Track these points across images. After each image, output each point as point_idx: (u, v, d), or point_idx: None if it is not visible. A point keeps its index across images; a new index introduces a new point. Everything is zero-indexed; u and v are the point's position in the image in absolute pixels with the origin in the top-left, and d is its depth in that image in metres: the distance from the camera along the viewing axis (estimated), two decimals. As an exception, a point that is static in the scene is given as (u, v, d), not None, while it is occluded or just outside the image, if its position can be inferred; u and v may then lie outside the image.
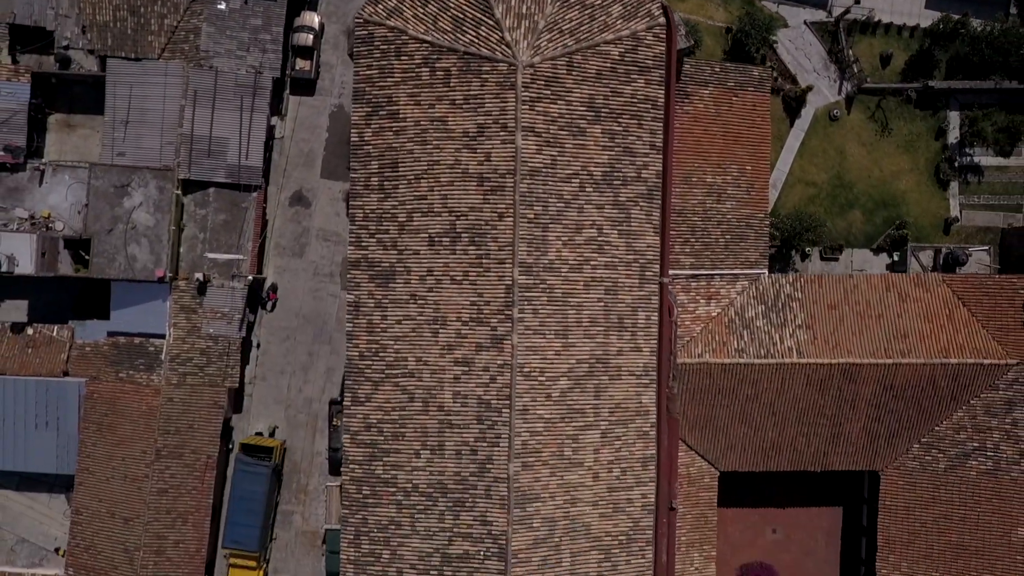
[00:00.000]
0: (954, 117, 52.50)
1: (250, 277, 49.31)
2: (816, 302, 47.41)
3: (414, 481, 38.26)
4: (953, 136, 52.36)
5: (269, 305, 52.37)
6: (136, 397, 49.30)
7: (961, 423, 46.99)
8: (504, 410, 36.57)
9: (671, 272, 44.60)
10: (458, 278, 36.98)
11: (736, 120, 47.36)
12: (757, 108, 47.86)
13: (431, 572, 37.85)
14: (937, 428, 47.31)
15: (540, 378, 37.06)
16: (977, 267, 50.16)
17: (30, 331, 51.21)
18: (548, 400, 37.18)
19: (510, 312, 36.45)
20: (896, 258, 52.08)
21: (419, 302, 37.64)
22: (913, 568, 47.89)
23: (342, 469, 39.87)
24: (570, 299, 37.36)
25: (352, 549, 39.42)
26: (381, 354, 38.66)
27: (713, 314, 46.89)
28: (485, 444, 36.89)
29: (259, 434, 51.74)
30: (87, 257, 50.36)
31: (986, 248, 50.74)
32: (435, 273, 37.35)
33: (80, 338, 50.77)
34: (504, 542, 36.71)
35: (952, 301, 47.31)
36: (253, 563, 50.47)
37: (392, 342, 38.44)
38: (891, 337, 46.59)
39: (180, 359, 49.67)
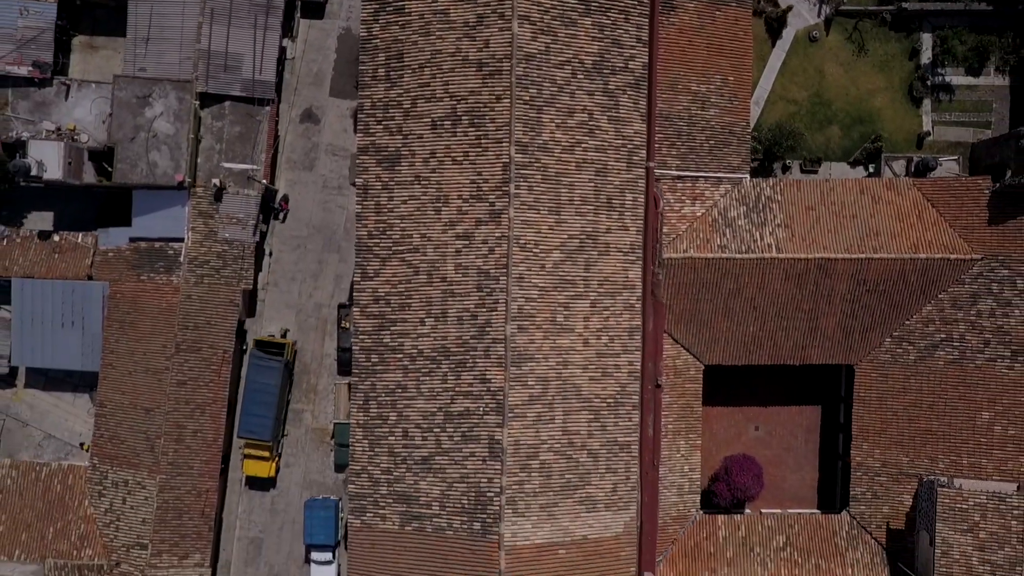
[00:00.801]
0: (927, 39, 55.64)
1: (264, 181, 52.46)
2: (794, 203, 50.55)
3: (419, 347, 41.50)
4: (926, 56, 55.49)
5: (281, 215, 55.54)
6: (156, 296, 52.49)
7: (929, 316, 50.14)
8: (502, 278, 39.78)
9: (659, 171, 47.85)
10: (459, 159, 40.18)
11: (719, 33, 50.49)
12: (739, 22, 50.98)
13: (435, 429, 41.10)
14: (907, 322, 50.44)
15: (535, 250, 40.28)
16: (946, 174, 53.30)
17: (56, 238, 54.43)
18: (542, 270, 40.39)
19: (507, 188, 39.67)
20: (872, 170, 55.27)
21: (423, 183, 40.83)
22: (885, 454, 51.08)
23: (352, 339, 43.00)
24: (563, 178, 40.56)
25: (361, 414, 42.68)
26: (388, 232, 41.89)
27: (698, 214, 50.04)
28: (484, 309, 40.10)
29: (271, 336, 54.90)
30: (110, 169, 53.55)
31: (955, 159, 53.91)
32: (437, 155, 40.56)
33: (103, 244, 53.93)
34: (502, 398, 39.94)
35: (921, 203, 50.47)
36: (266, 453, 53.69)
37: (398, 221, 41.66)
38: (864, 235, 49.74)
39: (198, 261, 52.83)
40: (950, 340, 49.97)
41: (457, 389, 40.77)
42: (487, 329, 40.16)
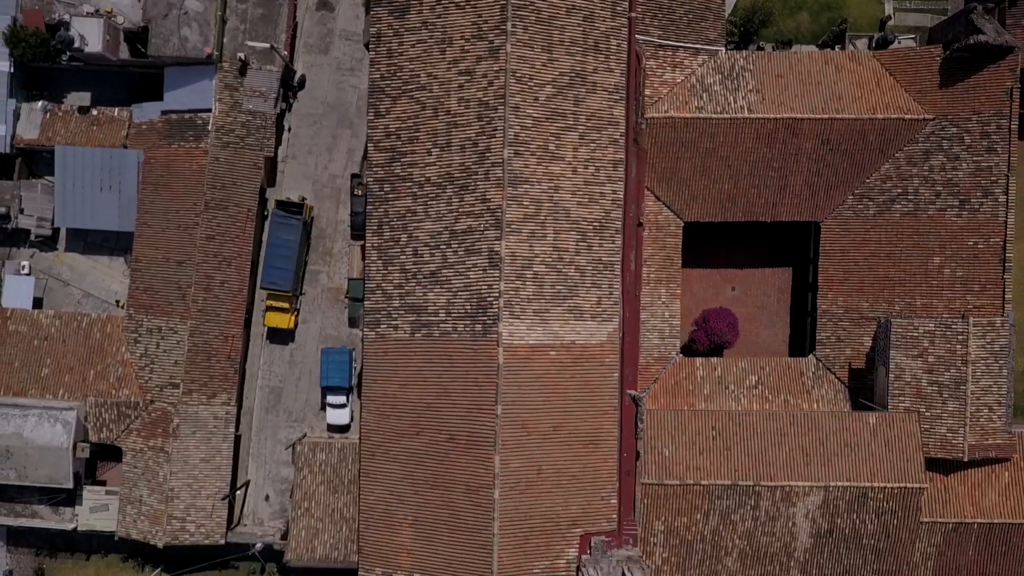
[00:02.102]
0: (889, -69, 60.92)
1: (285, 54, 57.75)
2: (765, 72, 55.74)
3: (426, 174, 46.83)
4: (889, -53, 60.75)
5: (293, 100, 60.57)
6: (187, 159, 57.81)
7: (887, 174, 55.37)
8: (500, 107, 45.07)
9: (641, 38, 53.05)
10: (461, 3, 45.44)
11: (696, -84, 55.72)
12: (715, -92, 56.18)
13: (441, 247, 46.42)
14: (867, 180, 55.62)
15: (529, 83, 45.58)
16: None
17: (94, 112, 59.77)
18: (536, 102, 45.69)
19: (505, 27, 44.92)
20: (838, 50, 60.45)
21: (429, 27, 46.09)
22: (848, 301, 56.28)
23: (365, 172, 48.25)
24: (554, 21, 45.83)
25: (375, 238, 48.02)
26: (398, 74, 47.22)
27: (677, 80, 55.30)
28: (484, 137, 45.39)
29: (290, 199, 60.20)
30: (142, 50, 58.82)
31: (913, 36, 59.12)
32: (443, 1, 45.81)
33: (138, 118, 59.26)
34: (500, 215, 45.23)
35: (880, 71, 55.68)
36: (286, 305, 59.00)
37: (407, 63, 46.97)
38: (828, 99, 54.92)
39: (224, 130, 58.10)
40: (905, 194, 55.18)
41: (460, 210, 46.08)
42: (487, 155, 45.45)
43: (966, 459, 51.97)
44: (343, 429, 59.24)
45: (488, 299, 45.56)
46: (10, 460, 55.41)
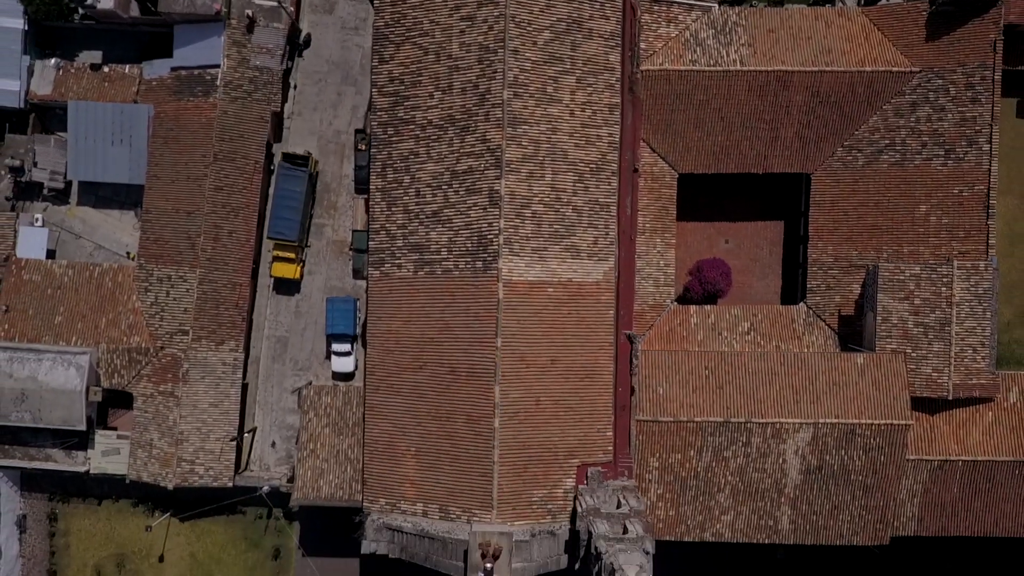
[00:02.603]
0: None
1: (291, 9, 59.46)
2: (757, 27, 57.47)
3: (428, 117, 48.61)
4: (876, -88, 62.31)
5: (304, 52, 62.39)
6: (196, 112, 59.52)
7: (875, 126, 57.08)
8: (499, 51, 46.82)
9: (636, -8, 54.77)
10: (462, -48, 47.31)
11: None
12: None
13: (443, 187, 48.17)
14: (856, 132, 57.34)
15: (528, 28, 47.31)
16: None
17: (106, 69, 61.52)
18: (534, 46, 47.43)
19: (504, -26, 46.82)
20: (828, 7, 62.12)
21: (432, -25, 47.93)
22: (838, 250, 57.97)
23: (369, 117, 49.96)
24: (551, -32, 47.75)
25: (379, 180, 49.80)
26: (401, 21, 48.95)
27: (672, 35, 57.03)
28: (484, 79, 47.13)
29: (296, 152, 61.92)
30: (153, 8, 60.49)
31: (898, -5, 60.79)
32: (445, -49, 47.68)
33: (148, 75, 60.99)
34: (500, 154, 46.98)
35: (868, 26, 57.42)
36: (293, 255, 60.73)
37: (411, 11, 48.73)
38: (818, 52, 56.67)
39: (232, 85, 59.81)
40: (893, 145, 56.89)
41: (462, 150, 47.84)
42: (487, 97, 47.19)
43: (951, 398, 53.67)
44: (348, 377, 60.93)
45: (488, 236, 47.30)
46: (25, 403, 57.14)
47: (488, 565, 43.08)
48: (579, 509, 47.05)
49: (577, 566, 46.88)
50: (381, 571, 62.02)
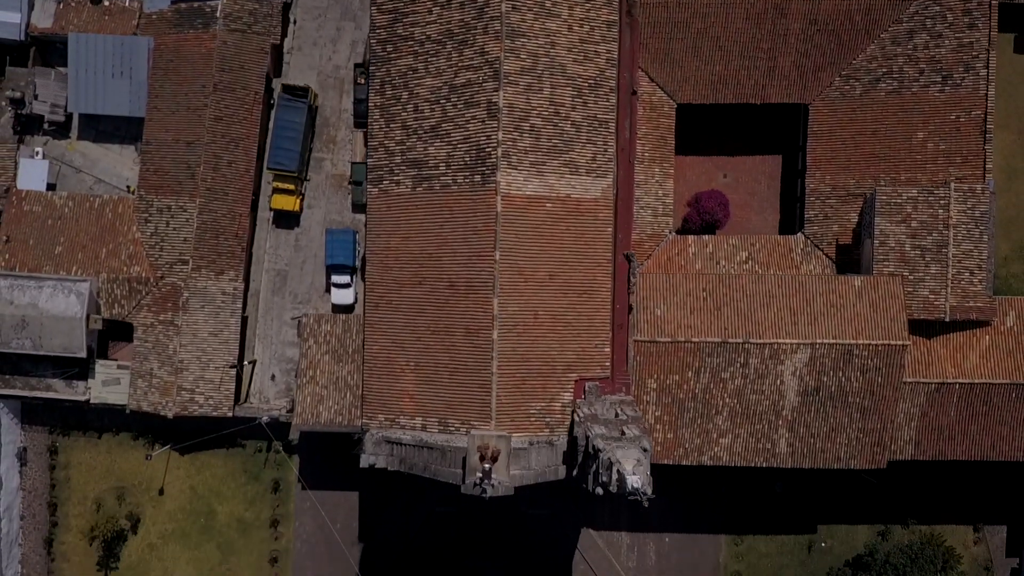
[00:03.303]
0: None
1: (290, -60, 59.71)
2: (754, -44, 57.67)
3: (427, 32, 48.79)
4: None
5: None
6: (196, 43, 59.72)
7: (873, 54, 57.20)
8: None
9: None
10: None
11: None
12: None
13: (441, 101, 48.34)
14: (854, 61, 57.47)
15: (526, -59, 47.62)
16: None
17: (106, 2, 61.74)
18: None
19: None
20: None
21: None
22: (835, 179, 58.09)
23: (368, 36, 50.19)
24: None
25: (378, 96, 49.96)
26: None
27: (670, -37, 57.17)
28: (485, -11, 47.41)
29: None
30: (153, -57, 60.72)
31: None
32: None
33: (148, 8, 61.16)
34: (498, 66, 47.15)
35: (866, -45, 57.56)
36: (292, 187, 60.94)
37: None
38: (815, -20, 56.87)
39: (232, 17, 59.96)
40: (890, 73, 57.01)
41: (460, 64, 48.02)
42: (485, 10, 47.34)
43: (948, 319, 53.86)
44: (347, 310, 61.12)
45: (487, 149, 47.48)
46: (26, 330, 57.37)
47: (486, 466, 43.25)
48: (576, 419, 47.26)
49: (575, 472, 47.04)
50: (379, 503, 62.37)
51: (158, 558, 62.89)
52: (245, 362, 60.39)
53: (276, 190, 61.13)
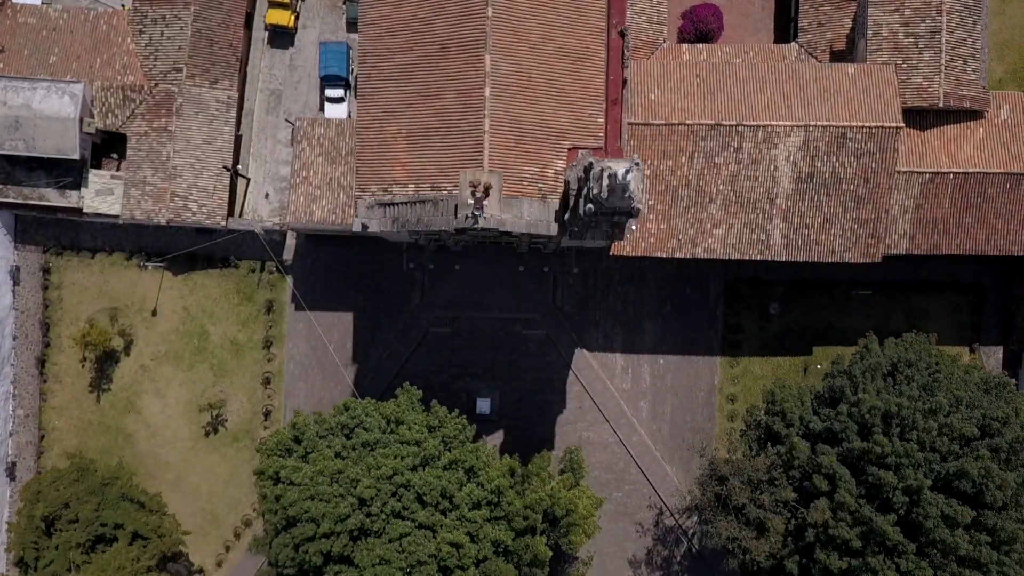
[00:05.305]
0: None
1: None
2: None
3: None
4: None
5: None
6: None
7: None
8: None
9: None
10: None
11: None
12: None
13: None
14: None
15: None
16: None
17: None
18: None
19: None
20: None
21: None
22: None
23: None
24: None
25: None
26: None
27: None
28: None
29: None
30: None
31: None
32: None
33: None
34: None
35: None
36: (287, 1, 60.92)
37: None
38: None
39: None
40: None
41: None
42: None
43: (941, 105, 53.80)
44: (341, 126, 61.03)
45: (479, -93, 47.47)
46: (19, 131, 57.24)
47: (479, 195, 43.03)
48: (568, 177, 47.15)
49: (567, 216, 46.75)
50: (373, 325, 62.11)
51: (151, 379, 62.57)
52: (239, 168, 60.19)
53: (272, 3, 61.13)
